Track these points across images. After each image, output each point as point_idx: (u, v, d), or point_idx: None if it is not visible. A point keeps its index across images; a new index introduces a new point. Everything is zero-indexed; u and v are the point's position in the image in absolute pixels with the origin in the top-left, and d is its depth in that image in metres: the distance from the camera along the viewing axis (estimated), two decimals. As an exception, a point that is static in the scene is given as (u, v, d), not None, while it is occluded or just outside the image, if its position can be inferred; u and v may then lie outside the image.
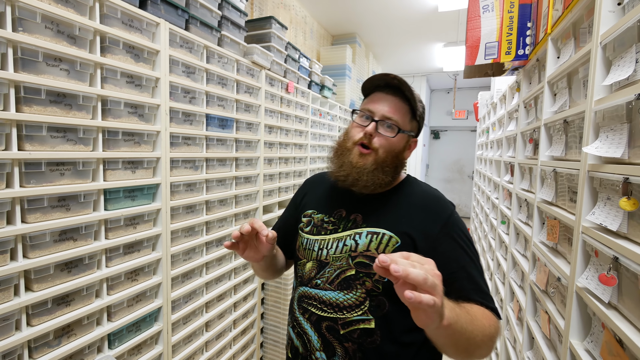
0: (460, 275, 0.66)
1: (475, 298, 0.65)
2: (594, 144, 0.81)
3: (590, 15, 0.93)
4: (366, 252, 0.70)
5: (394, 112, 0.73)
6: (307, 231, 0.79)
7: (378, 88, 0.78)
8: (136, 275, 1.13)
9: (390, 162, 0.73)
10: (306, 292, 0.75)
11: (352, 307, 0.69)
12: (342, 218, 0.76)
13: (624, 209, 0.68)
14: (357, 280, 0.69)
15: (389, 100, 0.74)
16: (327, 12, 3.07)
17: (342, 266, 0.71)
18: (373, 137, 0.72)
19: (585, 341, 0.88)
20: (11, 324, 0.80)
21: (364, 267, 0.69)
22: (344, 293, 0.70)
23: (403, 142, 0.75)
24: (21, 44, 0.79)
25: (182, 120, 1.28)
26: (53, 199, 0.88)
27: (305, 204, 0.85)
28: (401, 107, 0.74)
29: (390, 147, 0.73)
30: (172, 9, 1.21)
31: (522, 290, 1.60)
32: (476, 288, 0.66)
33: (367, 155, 0.72)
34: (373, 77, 0.76)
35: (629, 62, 0.70)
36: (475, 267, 0.68)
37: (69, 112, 0.91)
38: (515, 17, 1.55)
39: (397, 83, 0.73)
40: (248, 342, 1.84)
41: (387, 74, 0.73)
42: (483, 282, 0.68)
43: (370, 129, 0.72)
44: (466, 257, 0.68)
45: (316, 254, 0.75)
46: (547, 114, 1.26)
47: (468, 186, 6.49)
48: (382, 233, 0.70)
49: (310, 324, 0.73)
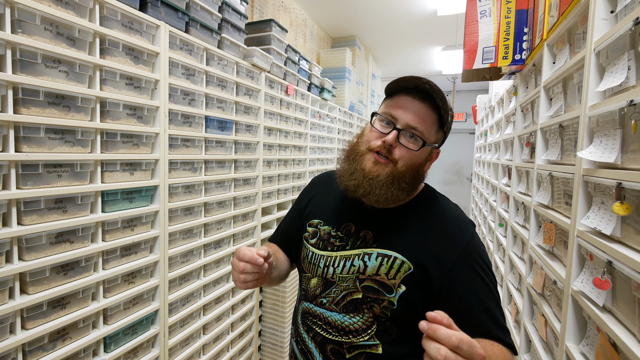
0: (477, 309, 0.61)
1: (493, 333, 0.60)
2: (588, 149, 0.82)
3: (585, 22, 0.95)
4: (375, 277, 0.65)
5: (420, 122, 0.64)
6: (313, 243, 0.75)
7: (405, 90, 0.67)
8: (133, 278, 1.12)
9: (409, 178, 0.65)
10: (311, 309, 0.72)
11: (358, 332, 0.66)
12: (351, 234, 0.71)
13: (618, 213, 0.69)
14: (365, 304, 0.65)
15: (416, 107, 0.65)
16: (327, 15, 3.09)
17: (348, 288, 0.67)
18: (393, 147, 0.64)
19: (581, 344, 0.89)
20: (5, 327, 0.80)
21: (372, 292, 0.65)
22: (349, 316, 0.66)
23: (425, 155, 0.67)
24: (20, 45, 0.79)
25: (181, 122, 1.28)
26: (50, 200, 0.88)
27: (311, 211, 0.80)
28: (429, 116, 0.65)
29: (411, 161, 0.65)
30: (173, 12, 1.21)
31: (519, 293, 1.60)
32: (494, 322, 0.61)
33: (383, 165, 0.64)
34: (402, 78, 0.66)
35: (621, 69, 0.71)
36: (494, 298, 0.63)
37: (67, 113, 0.91)
38: (512, 23, 1.57)
39: (429, 88, 0.64)
40: (246, 345, 1.83)
41: (419, 77, 0.64)
42: (501, 314, 0.63)
43: (390, 138, 0.63)
44: (485, 288, 0.63)
45: (322, 270, 0.71)
46: (543, 118, 1.28)
47: (467, 188, 6.51)
48: (394, 257, 0.65)
49: (315, 344, 0.70)
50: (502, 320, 0.63)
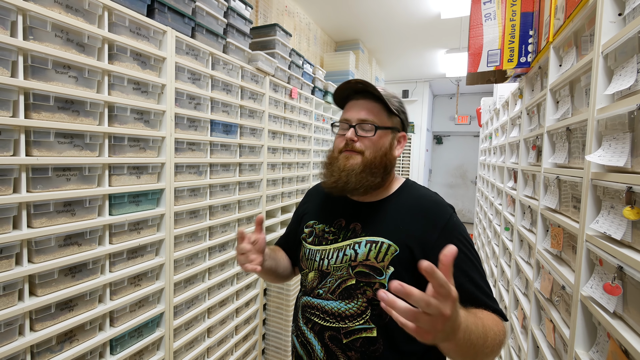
0: (462, 280, 0.65)
1: (481, 301, 0.65)
2: (597, 152, 0.81)
3: (592, 25, 0.94)
4: (366, 262, 0.70)
5: (368, 114, 0.74)
6: (310, 242, 0.81)
7: (348, 98, 0.79)
8: (139, 281, 1.13)
9: (379, 162, 0.73)
10: (309, 302, 0.76)
11: (353, 317, 0.70)
12: (342, 228, 0.77)
13: (628, 218, 0.68)
14: (358, 289, 0.70)
15: (361, 104, 0.75)
16: (331, 19, 3.11)
17: (342, 276, 0.72)
18: (355, 141, 0.74)
19: (591, 351, 0.87)
20: (14, 329, 0.81)
21: (364, 276, 0.70)
22: (345, 302, 0.71)
23: (388, 140, 0.76)
24: (31, 51, 0.81)
25: (187, 126, 1.29)
26: (59, 204, 0.89)
27: (306, 215, 0.87)
28: (374, 107, 0.75)
29: (376, 147, 0.74)
30: (179, 17, 1.23)
31: (526, 298, 1.58)
32: (481, 291, 0.66)
33: (353, 157, 0.73)
34: (337, 88, 0.77)
35: (630, 72, 0.70)
36: (477, 270, 0.68)
37: (77, 118, 0.92)
38: (517, 25, 1.56)
39: (362, 87, 0.74)
40: (250, 348, 1.83)
41: (348, 81, 0.74)
42: (486, 285, 0.68)
43: (350, 134, 0.73)
44: (467, 261, 0.68)
45: (317, 264, 0.77)
46: (550, 122, 1.27)
47: (471, 191, 6.46)
48: (381, 242, 0.71)
49: (314, 334, 0.74)
50: (488, 290, 0.67)
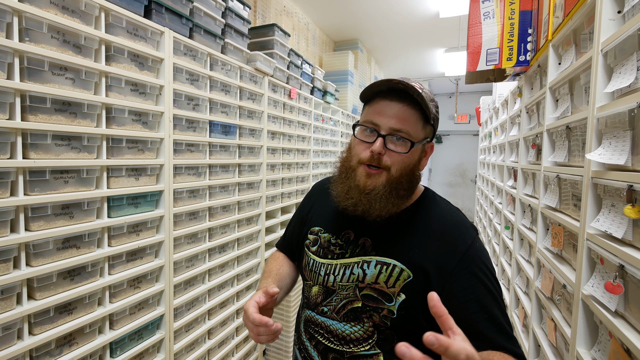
0: (481, 317, 0.58)
1: (499, 343, 0.57)
2: (597, 151, 0.81)
3: (591, 22, 0.94)
4: (374, 285, 0.64)
5: (403, 122, 0.62)
6: (314, 251, 0.74)
7: (380, 94, 0.66)
8: (139, 283, 1.13)
9: (406, 182, 0.64)
10: (313, 317, 0.72)
11: (359, 341, 0.65)
12: (350, 242, 0.70)
13: (629, 216, 0.68)
14: (364, 313, 0.64)
15: (395, 108, 0.63)
16: (329, 19, 3.10)
17: (348, 296, 0.66)
18: (382, 154, 0.62)
19: (593, 350, 0.87)
20: (13, 333, 0.80)
21: (371, 300, 0.64)
22: (350, 325, 0.66)
23: (418, 153, 0.66)
24: (27, 53, 0.80)
25: (185, 127, 1.29)
26: (57, 206, 0.89)
27: (312, 219, 0.79)
28: (411, 114, 0.63)
29: (404, 164, 0.63)
30: (177, 18, 1.22)
31: (527, 297, 1.58)
32: (500, 330, 0.58)
33: (376, 176, 0.63)
34: (374, 83, 0.65)
35: (630, 70, 0.70)
36: (498, 305, 0.60)
37: (74, 120, 0.92)
38: (516, 24, 1.56)
39: (403, 87, 0.62)
40: (251, 349, 1.82)
41: (390, 79, 0.62)
42: (506, 322, 0.60)
43: (378, 147, 0.61)
44: (488, 295, 0.60)
45: (322, 279, 0.70)
46: (550, 120, 1.26)
47: (471, 190, 6.46)
48: (393, 265, 0.63)
49: (317, 352, 0.70)
50: (508, 328, 0.60)
